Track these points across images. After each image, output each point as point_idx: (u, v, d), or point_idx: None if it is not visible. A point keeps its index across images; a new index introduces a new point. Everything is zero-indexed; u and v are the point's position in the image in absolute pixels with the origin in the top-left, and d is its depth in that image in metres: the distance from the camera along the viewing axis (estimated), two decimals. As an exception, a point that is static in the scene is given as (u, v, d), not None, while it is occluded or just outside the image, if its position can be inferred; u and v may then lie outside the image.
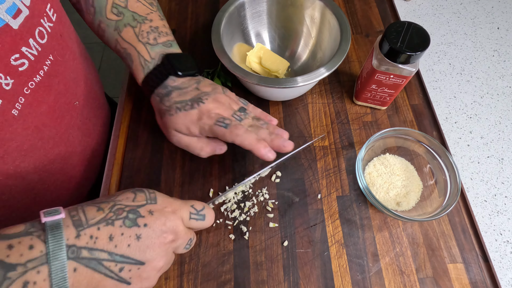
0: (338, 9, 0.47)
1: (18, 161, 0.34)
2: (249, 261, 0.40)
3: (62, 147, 0.40)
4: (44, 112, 0.35)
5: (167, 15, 0.61)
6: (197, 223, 0.33)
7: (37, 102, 0.33)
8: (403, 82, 0.43)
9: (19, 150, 0.34)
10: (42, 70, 0.33)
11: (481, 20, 0.62)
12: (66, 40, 0.37)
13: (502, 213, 0.44)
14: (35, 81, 0.32)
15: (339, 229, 0.41)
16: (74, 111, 0.41)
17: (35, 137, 0.35)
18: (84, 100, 0.44)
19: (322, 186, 0.44)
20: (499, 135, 0.50)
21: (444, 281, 0.39)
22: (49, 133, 0.37)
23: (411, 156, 0.45)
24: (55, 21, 0.34)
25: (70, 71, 0.39)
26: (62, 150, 0.41)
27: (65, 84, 0.38)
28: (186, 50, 0.57)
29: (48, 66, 0.33)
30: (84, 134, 0.45)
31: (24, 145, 0.34)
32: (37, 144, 0.36)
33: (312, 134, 0.48)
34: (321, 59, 0.50)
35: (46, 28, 0.32)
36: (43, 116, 0.35)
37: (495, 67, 0.57)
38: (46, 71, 0.33)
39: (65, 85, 0.38)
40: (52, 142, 0.38)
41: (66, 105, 0.39)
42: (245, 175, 0.45)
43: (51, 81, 0.35)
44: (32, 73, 0.32)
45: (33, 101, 0.33)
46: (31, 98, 0.32)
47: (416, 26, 0.40)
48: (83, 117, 0.44)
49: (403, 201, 0.42)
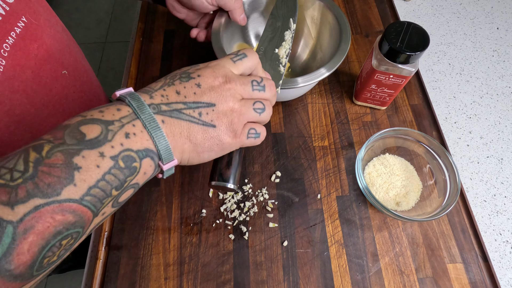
0: (338, 9, 0.47)
1: (12, 127, 0.34)
2: (248, 261, 0.40)
3: (59, 117, 0.41)
4: (29, 77, 0.35)
5: (167, 15, 0.61)
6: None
7: (19, 67, 0.34)
8: (402, 82, 0.43)
9: (11, 115, 0.34)
10: (13, 31, 0.33)
11: (480, 20, 0.62)
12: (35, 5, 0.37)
13: (502, 213, 0.44)
14: (8, 43, 0.32)
15: (338, 229, 0.42)
16: (64, 80, 0.41)
17: (25, 102, 0.35)
18: (74, 71, 0.44)
19: (322, 186, 0.44)
20: (499, 135, 0.50)
21: (444, 281, 0.39)
22: (41, 101, 0.37)
23: (411, 156, 0.45)
24: None
25: (49, 37, 0.39)
26: (60, 120, 0.40)
27: (46, 50, 0.38)
28: (186, 50, 0.57)
29: (22, 28, 0.34)
30: (82, 108, 0.45)
31: (15, 109, 0.34)
32: (30, 110, 0.36)
33: (312, 134, 0.48)
34: (321, 60, 0.50)
35: None
36: (29, 82, 0.35)
37: (495, 67, 0.57)
38: (19, 33, 0.33)
39: (48, 52, 0.38)
40: (46, 111, 0.38)
41: (53, 73, 0.39)
42: (245, 175, 0.45)
43: (28, 45, 0.35)
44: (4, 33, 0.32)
45: (14, 64, 0.33)
46: (11, 61, 0.33)
47: (416, 26, 0.40)
48: (76, 89, 0.44)
49: (403, 201, 0.42)
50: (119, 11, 1.82)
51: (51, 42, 0.39)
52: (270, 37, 0.40)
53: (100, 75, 1.60)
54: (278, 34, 0.41)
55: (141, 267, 0.40)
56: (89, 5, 1.83)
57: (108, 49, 1.69)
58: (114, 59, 1.66)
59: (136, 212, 0.43)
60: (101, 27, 1.76)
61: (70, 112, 0.43)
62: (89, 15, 1.79)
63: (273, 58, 0.38)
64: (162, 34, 0.58)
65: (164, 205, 0.43)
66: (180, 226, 0.42)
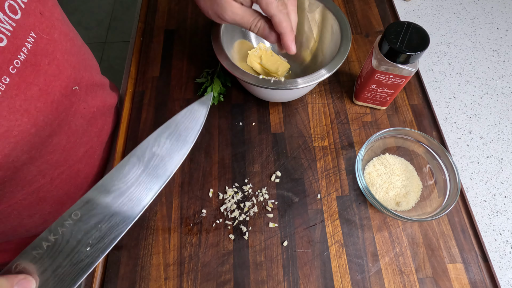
0: (339, 11, 0.47)
1: (7, 149, 0.32)
2: (248, 261, 0.40)
3: (63, 135, 0.39)
4: (35, 95, 0.33)
5: (167, 15, 0.61)
6: None
7: (25, 84, 0.32)
8: (402, 82, 0.43)
9: (7, 136, 0.32)
10: (24, 47, 0.31)
11: (480, 20, 0.62)
12: (50, 19, 0.35)
13: (502, 213, 0.44)
14: (20, 59, 0.31)
15: (338, 229, 0.42)
16: (74, 97, 0.39)
17: (26, 122, 0.33)
18: (86, 87, 0.42)
19: (322, 186, 0.44)
20: (499, 135, 0.50)
21: (444, 281, 0.39)
22: (45, 119, 0.35)
23: (411, 156, 0.45)
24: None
25: (62, 52, 0.37)
26: (63, 139, 0.39)
27: (57, 66, 0.36)
28: (186, 50, 0.57)
29: (32, 44, 0.32)
30: (90, 123, 0.44)
31: (13, 130, 0.32)
32: (30, 130, 0.34)
33: (311, 134, 0.48)
34: (321, 61, 0.50)
35: (18, 3, 0.31)
36: (35, 100, 0.33)
37: (495, 67, 0.57)
38: (31, 49, 0.32)
39: (58, 67, 0.36)
40: (49, 129, 0.36)
41: (62, 90, 0.37)
42: (245, 175, 0.45)
43: (39, 61, 0.33)
44: (14, 50, 0.30)
45: (20, 81, 0.31)
46: (17, 79, 0.31)
47: (416, 26, 0.40)
48: (87, 104, 0.42)
49: (403, 201, 0.42)
50: (119, 11, 1.82)
51: (64, 57, 0.37)
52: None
53: (100, 75, 1.59)
54: None
55: (141, 267, 0.40)
56: (89, 5, 1.83)
57: (108, 49, 1.69)
58: (114, 59, 1.66)
59: (136, 212, 0.43)
60: (101, 27, 1.76)
61: (76, 129, 0.41)
62: (89, 15, 1.79)
63: None
64: (162, 34, 0.58)
65: (164, 205, 0.43)
66: (180, 226, 0.42)
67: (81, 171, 0.44)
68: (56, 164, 0.39)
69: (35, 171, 0.37)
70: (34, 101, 0.33)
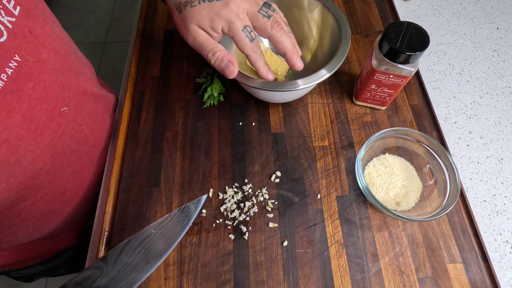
0: (338, 10, 0.47)
1: None
2: (248, 261, 0.40)
3: (47, 159, 0.36)
4: (16, 123, 0.30)
5: (166, 15, 0.61)
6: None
7: (5, 112, 0.29)
8: (402, 82, 0.43)
9: None
10: (4, 73, 0.28)
11: (480, 20, 0.62)
12: (39, 38, 0.32)
13: (502, 213, 0.44)
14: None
15: (338, 229, 0.42)
16: (62, 118, 0.37)
17: (4, 152, 0.30)
18: (76, 105, 0.39)
19: (322, 186, 0.44)
20: (499, 135, 0.50)
21: (444, 281, 0.39)
22: (27, 147, 0.32)
23: (411, 156, 0.45)
24: (17, 15, 0.29)
25: (51, 73, 0.34)
26: (48, 163, 0.36)
27: (44, 88, 0.33)
28: (186, 50, 0.57)
29: (14, 69, 0.29)
30: (80, 142, 0.41)
31: None
32: (10, 159, 0.31)
33: (311, 134, 0.48)
34: (321, 61, 0.50)
35: (4, 24, 0.28)
36: (16, 128, 0.31)
37: (495, 67, 0.57)
38: (11, 74, 0.29)
39: (45, 90, 0.33)
40: (32, 156, 0.34)
41: (48, 113, 0.34)
42: (245, 175, 0.45)
43: (22, 86, 0.30)
44: None
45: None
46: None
47: (416, 26, 0.40)
48: (76, 123, 0.39)
49: (403, 201, 0.42)
50: (119, 11, 1.82)
51: (52, 78, 0.34)
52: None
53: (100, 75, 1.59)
54: None
55: (141, 267, 0.40)
56: (89, 5, 1.83)
57: (108, 49, 1.69)
58: (114, 59, 1.66)
59: (136, 212, 0.43)
60: (101, 27, 1.76)
61: (62, 151, 0.38)
62: (89, 15, 1.79)
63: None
64: (162, 34, 0.58)
65: (164, 205, 0.43)
66: (180, 226, 0.42)
67: (67, 190, 0.42)
68: (38, 187, 0.37)
69: (14, 197, 0.35)
70: (16, 129, 0.31)
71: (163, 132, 0.49)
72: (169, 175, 0.45)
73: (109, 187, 0.44)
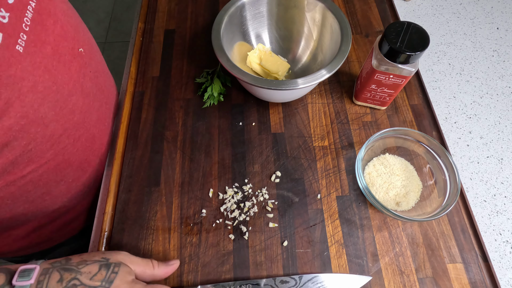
0: (339, 11, 0.47)
1: (36, 104, 0.35)
2: (248, 261, 0.40)
3: (79, 96, 0.41)
4: (49, 53, 0.36)
5: (166, 15, 0.61)
6: None
7: (40, 42, 0.34)
8: (402, 82, 0.43)
9: (34, 91, 0.34)
10: (29, 5, 0.33)
11: (480, 20, 0.62)
12: None
13: (502, 213, 0.44)
14: (28, 17, 0.33)
15: (338, 229, 0.42)
16: (81, 59, 0.42)
17: (47, 78, 0.35)
18: (89, 50, 0.44)
19: (322, 186, 0.44)
20: (499, 135, 0.50)
21: (444, 281, 0.39)
22: (62, 78, 0.38)
23: (411, 156, 0.45)
24: None
25: (63, 13, 0.39)
26: (79, 100, 0.41)
27: (62, 26, 0.38)
28: (186, 50, 0.57)
29: (35, 2, 0.34)
30: (98, 88, 0.46)
31: (38, 86, 0.35)
32: (52, 87, 0.36)
33: (312, 134, 0.48)
34: (321, 61, 0.50)
35: None
36: (50, 58, 0.36)
37: (495, 67, 0.57)
38: (35, 7, 0.34)
39: (63, 28, 0.38)
40: (67, 88, 0.39)
41: (70, 50, 0.39)
42: (245, 175, 0.45)
43: (45, 21, 0.35)
44: (22, 7, 0.32)
45: (35, 39, 0.34)
46: (32, 36, 0.33)
47: (416, 26, 0.40)
48: (92, 68, 0.44)
49: (403, 201, 0.42)
50: (119, 11, 1.82)
51: (65, 18, 0.39)
52: None
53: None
54: None
55: (141, 267, 0.40)
56: (89, 5, 1.83)
57: (108, 49, 1.69)
58: (114, 59, 1.66)
59: (136, 212, 0.43)
60: (101, 27, 1.76)
61: (88, 92, 0.43)
62: (89, 15, 1.79)
63: None
64: (162, 34, 0.58)
65: (164, 205, 0.43)
66: (180, 226, 0.42)
67: (96, 137, 0.46)
68: (76, 125, 0.42)
69: (60, 130, 0.39)
70: (50, 59, 0.36)
71: (163, 132, 0.49)
72: (169, 175, 0.45)
73: (109, 187, 0.44)
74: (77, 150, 0.43)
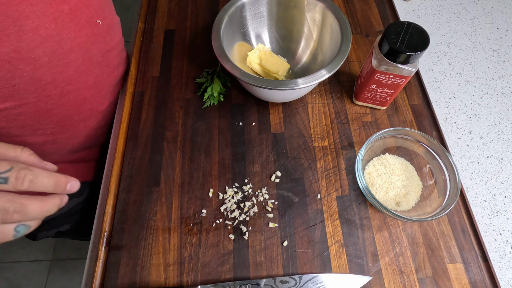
0: (339, 11, 0.47)
1: (33, 44, 0.35)
2: (248, 261, 0.40)
3: (80, 55, 0.42)
4: (65, 12, 0.38)
5: (167, 15, 0.61)
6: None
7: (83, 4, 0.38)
8: (402, 82, 0.43)
9: (35, 33, 0.35)
10: None
11: (480, 20, 0.62)
12: None
13: (502, 213, 0.44)
14: None
15: (338, 229, 0.42)
16: (96, 28, 0.43)
17: (53, 28, 0.37)
18: (107, 25, 0.46)
19: (322, 186, 0.44)
20: (499, 135, 0.50)
21: (444, 281, 0.39)
22: (68, 34, 0.39)
23: (411, 156, 0.45)
24: None
25: None
26: (79, 58, 0.42)
27: None
28: (186, 50, 0.57)
29: None
30: (104, 58, 0.47)
31: (40, 30, 0.35)
32: (55, 37, 0.37)
33: (311, 134, 0.48)
34: (321, 61, 0.50)
35: None
36: (63, 15, 0.38)
37: (495, 67, 0.57)
38: None
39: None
40: (70, 44, 0.40)
41: (88, 18, 0.41)
42: (245, 175, 0.45)
43: None
44: None
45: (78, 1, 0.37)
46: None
47: (416, 26, 0.40)
48: (106, 41, 0.46)
49: (403, 201, 0.42)
50: (119, 11, 1.82)
51: None
52: None
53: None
54: None
55: (141, 267, 0.40)
56: (89, 5, 1.83)
57: (108, 49, 1.69)
58: (114, 59, 1.65)
59: (136, 212, 0.43)
60: (101, 27, 1.76)
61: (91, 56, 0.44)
62: (89, 15, 1.79)
63: None
64: (162, 34, 0.58)
65: (164, 205, 0.43)
66: (180, 226, 0.42)
67: (87, 101, 0.47)
68: (68, 79, 0.42)
69: (50, 77, 0.40)
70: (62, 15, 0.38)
71: (163, 132, 0.49)
72: (169, 175, 0.45)
73: (109, 187, 0.44)
74: (62, 104, 0.43)
